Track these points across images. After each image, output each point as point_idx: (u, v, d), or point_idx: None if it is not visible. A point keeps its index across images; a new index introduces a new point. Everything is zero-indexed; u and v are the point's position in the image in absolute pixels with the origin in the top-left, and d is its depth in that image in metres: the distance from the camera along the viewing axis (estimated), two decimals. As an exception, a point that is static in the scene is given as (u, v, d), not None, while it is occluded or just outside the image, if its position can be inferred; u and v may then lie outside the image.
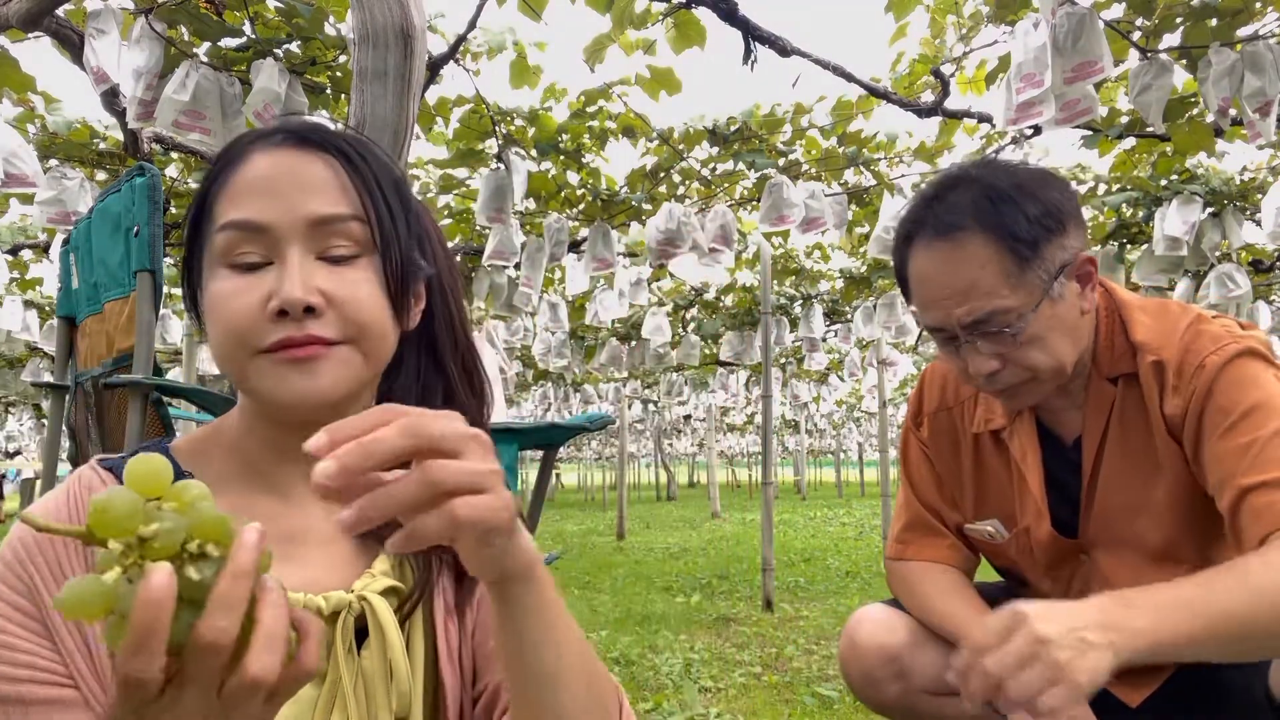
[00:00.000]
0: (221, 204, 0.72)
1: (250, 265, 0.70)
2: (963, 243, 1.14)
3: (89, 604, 0.47)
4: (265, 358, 0.69)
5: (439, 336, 0.84)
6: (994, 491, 1.35)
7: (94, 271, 2.01)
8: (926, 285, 1.19)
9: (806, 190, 4.06)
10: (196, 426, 0.84)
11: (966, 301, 1.14)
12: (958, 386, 1.39)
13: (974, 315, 1.14)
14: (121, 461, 0.74)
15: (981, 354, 1.17)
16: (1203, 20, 2.79)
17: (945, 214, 1.16)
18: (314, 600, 0.72)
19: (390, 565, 0.78)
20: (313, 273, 0.70)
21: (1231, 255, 4.85)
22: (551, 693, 0.65)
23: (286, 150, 0.73)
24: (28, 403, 11.39)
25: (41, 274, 5.75)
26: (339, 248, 0.72)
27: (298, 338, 0.68)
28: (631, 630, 3.93)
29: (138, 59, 2.69)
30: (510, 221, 3.99)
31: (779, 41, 2.95)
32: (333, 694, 0.71)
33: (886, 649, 1.35)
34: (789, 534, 9.02)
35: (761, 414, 4.91)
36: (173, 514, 0.50)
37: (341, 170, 0.73)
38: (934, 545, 1.40)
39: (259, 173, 0.72)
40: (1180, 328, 1.20)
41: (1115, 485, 1.25)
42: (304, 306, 0.68)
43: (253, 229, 0.70)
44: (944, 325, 1.18)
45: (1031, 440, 1.29)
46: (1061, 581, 1.33)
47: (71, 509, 0.70)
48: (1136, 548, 1.25)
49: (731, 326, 6.99)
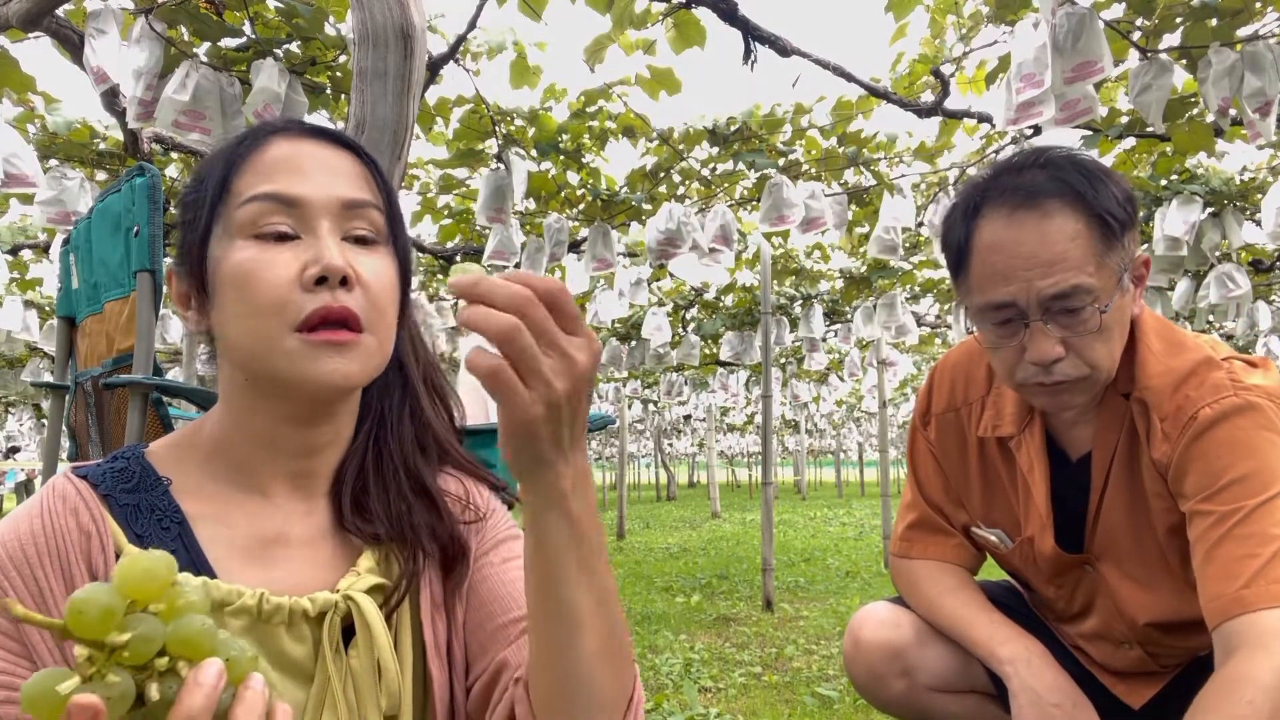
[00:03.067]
0: (244, 180, 0.72)
1: (279, 235, 0.70)
2: (1052, 213, 1.07)
3: (39, 708, 0.46)
4: (301, 339, 0.69)
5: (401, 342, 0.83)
6: (999, 497, 1.34)
7: (94, 271, 2.01)
8: (1003, 255, 1.09)
9: (806, 190, 4.06)
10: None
11: (1052, 274, 1.06)
12: (967, 387, 1.36)
13: (1059, 288, 1.06)
14: (97, 468, 0.73)
15: (1049, 338, 1.09)
16: (1203, 20, 2.79)
17: (1031, 183, 1.09)
18: (300, 602, 0.71)
19: (375, 562, 0.77)
20: (343, 252, 0.71)
21: (1231, 255, 4.85)
22: (571, 637, 0.64)
23: (307, 140, 0.75)
24: (28, 403, 11.39)
25: (41, 274, 5.74)
26: (363, 230, 0.74)
27: (335, 308, 0.69)
28: (631, 630, 3.92)
29: (138, 59, 2.69)
30: (510, 221, 3.99)
31: (779, 41, 2.95)
32: (321, 695, 0.71)
33: (891, 646, 1.35)
34: (789, 534, 9.02)
35: (761, 414, 4.91)
36: (153, 621, 0.49)
37: (363, 165, 0.76)
38: (940, 543, 1.39)
39: (285, 154, 0.73)
40: (1184, 370, 1.14)
41: (1121, 502, 1.22)
42: (342, 276, 0.69)
43: (286, 201, 0.71)
44: (1017, 300, 1.09)
45: (1040, 454, 1.25)
46: (1066, 589, 1.32)
47: (47, 523, 0.68)
48: (1141, 562, 1.23)
49: (731, 326, 6.99)
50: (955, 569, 1.37)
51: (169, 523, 0.71)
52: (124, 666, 0.49)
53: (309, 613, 0.72)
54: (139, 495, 0.72)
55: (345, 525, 0.78)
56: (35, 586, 0.65)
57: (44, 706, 0.46)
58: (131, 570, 0.50)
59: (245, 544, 0.74)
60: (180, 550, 0.71)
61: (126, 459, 0.74)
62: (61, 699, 0.46)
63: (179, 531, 0.71)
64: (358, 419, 0.81)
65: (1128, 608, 1.25)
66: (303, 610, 0.71)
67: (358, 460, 0.80)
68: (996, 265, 1.11)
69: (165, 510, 0.72)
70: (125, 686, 0.48)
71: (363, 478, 0.79)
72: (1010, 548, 1.33)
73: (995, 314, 1.13)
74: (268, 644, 0.71)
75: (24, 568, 0.66)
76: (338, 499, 0.80)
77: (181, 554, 0.70)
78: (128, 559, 0.50)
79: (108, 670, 0.48)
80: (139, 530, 0.70)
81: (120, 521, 0.70)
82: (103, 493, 0.71)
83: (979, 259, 1.13)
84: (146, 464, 0.74)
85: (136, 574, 0.50)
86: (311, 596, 0.72)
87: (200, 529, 0.72)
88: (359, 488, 0.79)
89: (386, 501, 0.79)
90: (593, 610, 0.64)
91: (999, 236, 1.11)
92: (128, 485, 0.72)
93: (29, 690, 0.47)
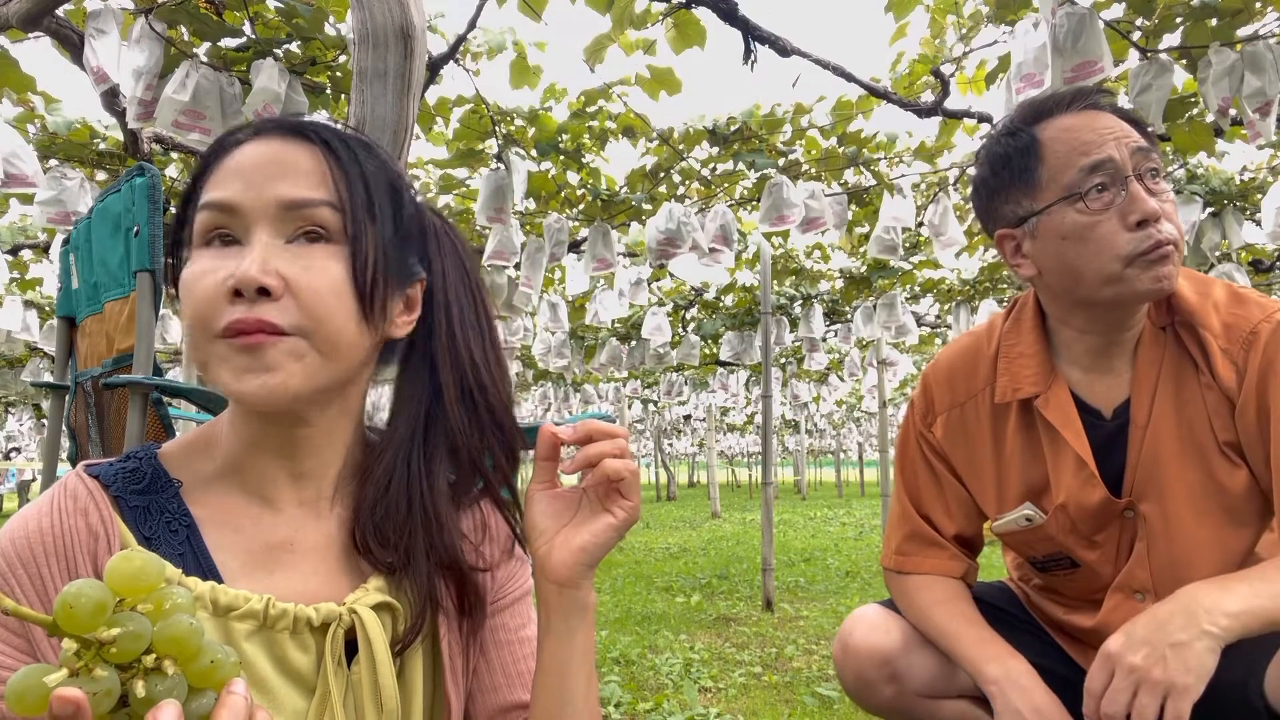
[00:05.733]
0: (206, 186, 0.72)
1: (224, 243, 0.70)
2: (1106, 111, 1.19)
3: (26, 702, 0.46)
4: (221, 343, 0.67)
5: (435, 354, 0.80)
6: (1020, 473, 1.31)
7: (94, 271, 2.01)
8: (1084, 128, 1.18)
9: (806, 190, 4.06)
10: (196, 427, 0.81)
11: (1132, 138, 1.16)
12: (969, 378, 1.35)
13: (1142, 143, 1.16)
14: (109, 467, 0.73)
15: (1153, 194, 1.15)
16: (1203, 20, 2.79)
17: (1092, 99, 1.20)
18: (304, 611, 0.71)
19: (387, 585, 0.76)
20: (275, 255, 0.68)
21: (1231, 255, 4.85)
22: (565, 714, 0.77)
23: (273, 138, 0.72)
24: (28, 403, 11.39)
25: (41, 274, 5.74)
26: (305, 230, 0.70)
27: (247, 320, 0.66)
28: (631, 630, 3.93)
29: (138, 59, 2.69)
30: (510, 221, 3.99)
31: (779, 41, 2.95)
32: (322, 707, 0.71)
33: (880, 652, 1.34)
34: (789, 534, 9.02)
35: (761, 414, 4.91)
36: (141, 620, 0.49)
37: (323, 159, 0.72)
38: (935, 556, 1.38)
39: (242, 158, 0.71)
40: (1215, 293, 1.21)
41: (1167, 437, 1.22)
42: (258, 287, 0.66)
43: (224, 209, 0.69)
44: (1114, 156, 1.15)
45: (1070, 406, 1.25)
46: (1109, 546, 1.29)
47: (56, 522, 0.68)
48: (1186, 499, 1.22)
49: (731, 326, 6.99)
50: (948, 581, 1.36)
51: (177, 525, 0.71)
52: (109, 663, 0.48)
53: (313, 622, 0.71)
54: (149, 497, 0.72)
55: (359, 548, 0.76)
56: (41, 585, 0.65)
57: (30, 700, 0.46)
58: (122, 568, 0.50)
59: (251, 549, 0.73)
60: (188, 554, 0.70)
61: (139, 459, 0.74)
62: (46, 692, 0.46)
63: (187, 535, 0.71)
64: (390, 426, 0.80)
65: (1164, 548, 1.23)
66: (307, 619, 0.71)
67: (377, 489, 0.77)
68: (1081, 135, 1.17)
69: (175, 513, 0.71)
70: (111, 683, 0.48)
71: (387, 500, 0.76)
72: (1043, 520, 1.30)
73: (1091, 178, 1.16)
74: (273, 650, 0.70)
75: (30, 566, 0.65)
76: (349, 516, 0.78)
77: (189, 557, 0.70)
78: (119, 557, 0.50)
79: (94, 665, 0.48)
80: (148, 532, 0.70)
81: (129, 523, 0.70)
82: (114, 494, 0.71)
83: (1057, 142, 1.19)
84: (158, 465, 0.74)
85: (128, 572, 0.50)
86: (316, 606, 0.72)
87: (208, 533, 0.72)
88: (379, 509, 0.76)
89: (407, 538, 0.76)
90: (584, 694, 0.77)
91: (1070, 123, 1.19)
92: (138, 486, 0.72)
93: (14, 684, 0.46)
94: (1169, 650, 1.02)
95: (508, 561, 0.86)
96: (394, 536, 0.76)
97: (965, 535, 1.40)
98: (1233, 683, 1.14)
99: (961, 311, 6.46)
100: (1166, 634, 1.04)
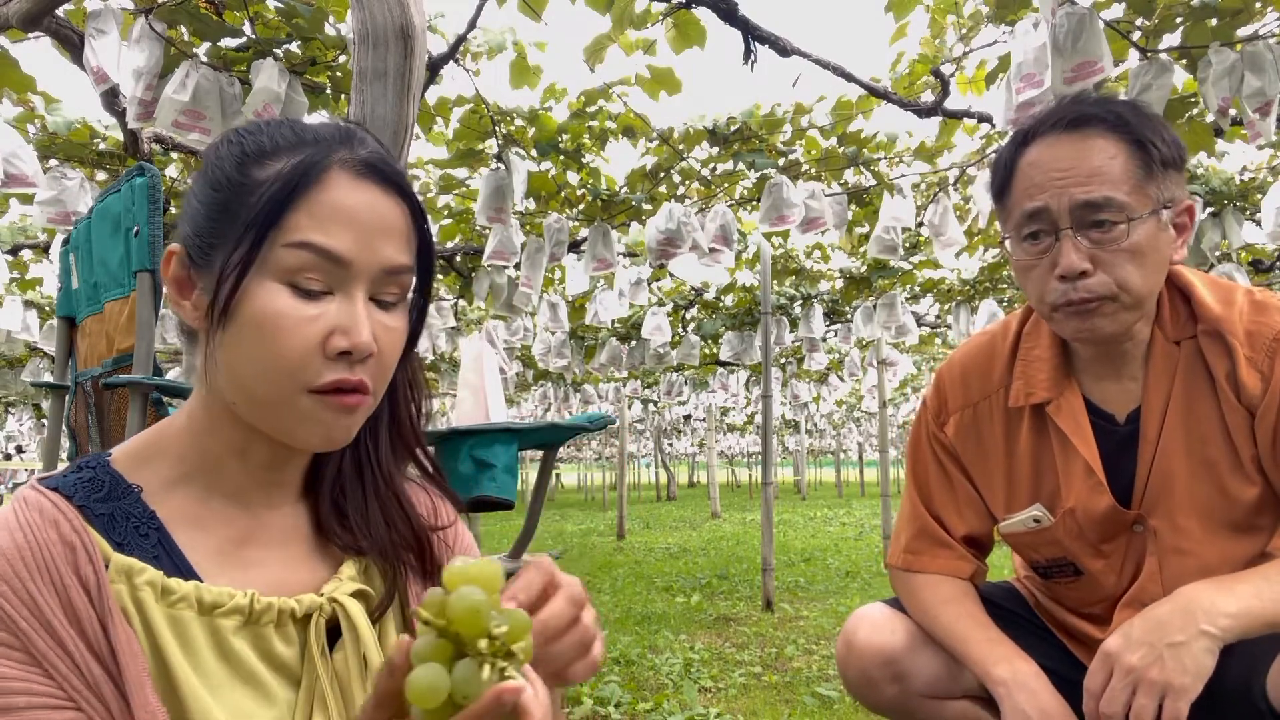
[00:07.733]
0: (299, 218, 0.69)
1: (311, 292, 0.70)
2: (1093, 137, 1.14)
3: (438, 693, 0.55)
4: (315, 399, 0.70)
5: None
6: (1031, 475, 1.31)
7: (94, 271, 2.01)
8: (1042, 169, 1.16)
9: (806, 190, 4.05)
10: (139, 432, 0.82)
11: (1085, 185, 1.12)
12: (984, 380, 1.35)
13: (1089, 196, 1.12)
14: (65, 479, 0.71)
15: (1077, 250, 1.13)
16: (1203, 20, 2.79)
17: (1078, 112, 1.16)
18: (287, 603, 0.73)
19: (357, 571, 0.79)
20: (369, 315, 0.72)
21: (1231, 255, 4.85)
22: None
23: (370, 184, 0.73)
24: (28, 403, 11.39)
25: (41, 274, 5.75)
26: (390, 294, 0.74)
27: (352, 381, 0.71)
28: (631, 630, 3.93)
29: (138, 59, 2.69)
30: (510, 221, 3.99)
31: (779, 41, 2.95)
32: (310, 696, 0.72)
33: (884, 651, 1.34)
34: (789, 534, 9.02)
35: (761, 414, 4.91)
36: (519, 613, 0.58)
37: (408, 219, 0.75)
38: (943, 556, 1.38)
39: (346, 202, 0.71)
40: (1237, 299, 1.20)
41: (1178, 450, 1.21)
42: (368, 354, 0.71)
43: (333, 259, 0.70)
44: (1049, 206, 1.14)
45: (1082, 412, 1.25)
46: (1115, 557, 1.28)
47: (30, 537, 0.66)
48: (1196, 512, 1.22)
49: (731, 326, 6.99)
50: (956, 581, 1.36)
51: (146, 529, 0.71)
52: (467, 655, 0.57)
53: (296, 613, 0.73)
54: (112, 504, 0.71)
55: (325, 533, 0.80)
56: (30, 599, 0.64)
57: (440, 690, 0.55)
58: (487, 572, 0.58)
59: (220, 546, 0.74)
60: (162, 555, 0.70)
61: (93, 468, 0.73)
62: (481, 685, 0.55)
63: (158, 538, 0.71)
64: None
65: (1176, 563, 1.23)
66: (290, 611, 0.73)
67: (335, 463, 0.81)
68: (1034, 178, 1.17)
69: (141, 517, 0.71)
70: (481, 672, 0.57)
71: (341, 481, 0.81)
72: (1051, 523, 1.30)
73: (1028, 224, 1.17)
74: (259, 644, 0.72)
75: (14, 582, 0.64)
76: (313, 500, 0.81)
77: (164, 559, 0.70)
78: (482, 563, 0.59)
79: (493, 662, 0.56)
80: (118, 539, 0.70)
81: (98, 531, 0.69)
82: (78, 503, 0.70)
83: (1020, 175, 1.19)
84: (114, 472, 0.73)
85: (491, 574, 0.58)
86: (299, 598, 0.74)
87: (177, 534, 0.72)
88: (337, 492, 0.81)
89: (365, 511, 0.80)
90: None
91: (1041, 154, 1.17)
92: (100, 494, 0.71)
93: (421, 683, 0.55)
94: (1166, 650, 1.03)
95: (456, 524, 0.90)
96: (354, 512, 0.80)
97: (975, 536, 1.40)
98: (1236, 684, 1.14)
99: (961, 311, 6.46)
100: (1164, 634, 1.04)
